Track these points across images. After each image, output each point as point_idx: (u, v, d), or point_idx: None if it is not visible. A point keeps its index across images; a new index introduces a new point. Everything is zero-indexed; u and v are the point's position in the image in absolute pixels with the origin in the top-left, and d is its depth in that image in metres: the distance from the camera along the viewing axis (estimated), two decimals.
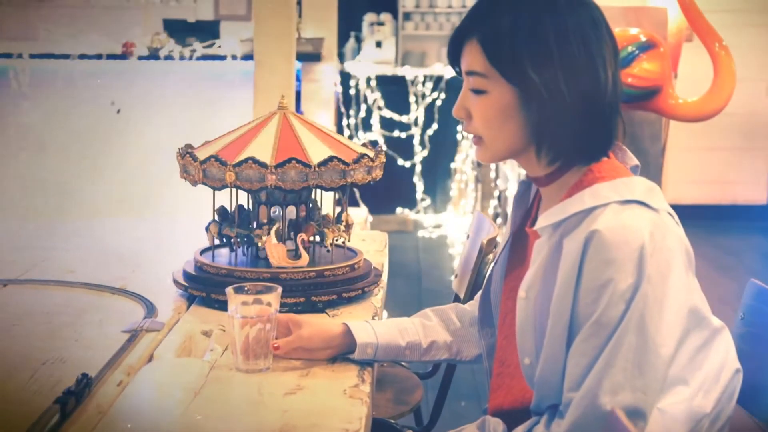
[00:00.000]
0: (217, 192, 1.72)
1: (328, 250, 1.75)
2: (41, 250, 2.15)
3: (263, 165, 1.62)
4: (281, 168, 1.62)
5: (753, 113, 6.15)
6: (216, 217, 1.78)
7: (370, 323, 1.49)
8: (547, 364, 1.26)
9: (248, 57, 4.53)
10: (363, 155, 1.69)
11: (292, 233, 1.72)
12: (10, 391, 1.30)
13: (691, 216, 5.85)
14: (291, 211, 1.73)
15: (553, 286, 1.24)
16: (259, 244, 1.72)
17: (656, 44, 3.32)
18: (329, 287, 1.67)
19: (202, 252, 1.80)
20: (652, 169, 3.51)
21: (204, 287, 1.69)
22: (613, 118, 1.28)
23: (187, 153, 1.72)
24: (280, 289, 1.41)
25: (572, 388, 1.22)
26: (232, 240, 1.75)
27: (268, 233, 1.70)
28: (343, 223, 1.78)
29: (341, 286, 1.69)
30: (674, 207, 1.30)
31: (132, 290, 1.78)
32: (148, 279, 1.87)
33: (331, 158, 1.63)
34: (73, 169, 4.64)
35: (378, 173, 1.73)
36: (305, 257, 1.69)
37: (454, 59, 1.35)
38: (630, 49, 3.22)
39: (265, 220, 1.73)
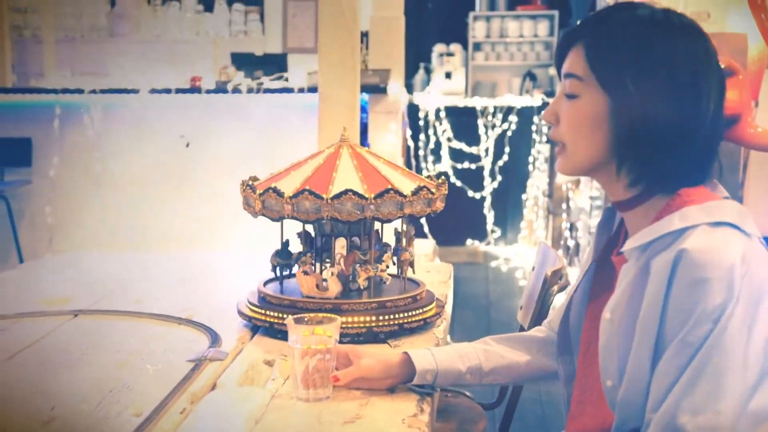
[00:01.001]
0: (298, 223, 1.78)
1: (360, 288, 1.77)
2: (111, 281, 2.24)
3: (280, 195, 1.70)
4: (295, 199, 1.69)
5: None
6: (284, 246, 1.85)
7: (430, 350, 1.53)
8: (631, 386, 1.26)
9: (316, 89, 4.62)
10: (388, 190, 1.70)
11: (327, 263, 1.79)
12: (79, 417, 1.36)
13: None
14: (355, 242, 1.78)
15: (638, 307, 1.25)
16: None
17: (735, 71, 3.28)
18: (391, 318, 1.72)
19: (266, 282, 1.87)
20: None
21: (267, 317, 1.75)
22: (707, 153, 1.28)
23: (242, 181, 1.81)
24: (339, 320, 1.46)
25: (653, 409, 1.22)
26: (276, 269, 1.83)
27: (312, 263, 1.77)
28: (384, 264, 1.80)
29: (403, 317, 1.73)
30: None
31: (197, 320, 1.84)
32: (213, 309, 1.94)
33: (345, 191, 1.68)
34: (143, 201, 4.78)
35: (420, 208, 1.73)
36: (333, 288, 1.74)
37: (559, 64, 1.36)
38: None
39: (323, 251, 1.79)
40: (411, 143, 6.65)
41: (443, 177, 1.84)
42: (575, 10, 7.24)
